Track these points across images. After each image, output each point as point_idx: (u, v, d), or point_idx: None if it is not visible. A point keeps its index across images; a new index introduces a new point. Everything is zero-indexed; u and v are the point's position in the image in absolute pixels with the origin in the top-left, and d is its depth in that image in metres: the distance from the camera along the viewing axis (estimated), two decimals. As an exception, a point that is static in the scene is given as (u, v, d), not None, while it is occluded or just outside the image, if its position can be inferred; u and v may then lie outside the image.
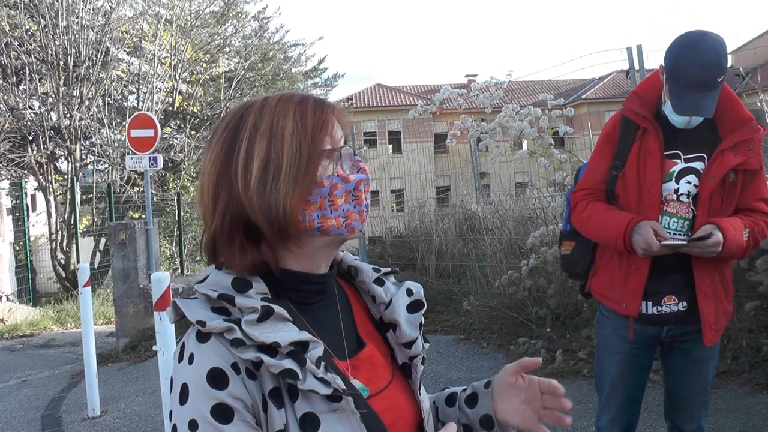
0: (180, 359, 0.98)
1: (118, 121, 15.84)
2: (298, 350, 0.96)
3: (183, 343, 1.00)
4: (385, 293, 1.18)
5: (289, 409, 0.96)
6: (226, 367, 0.94)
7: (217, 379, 0.93)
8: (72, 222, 14.58)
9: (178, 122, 17.99)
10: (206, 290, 1.00)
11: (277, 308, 0.98)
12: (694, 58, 2.22)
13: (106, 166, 16.02)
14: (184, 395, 0.94)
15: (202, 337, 0.97)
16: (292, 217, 1.01)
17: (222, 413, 0.92)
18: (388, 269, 1.24)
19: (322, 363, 0.98)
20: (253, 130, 1.03)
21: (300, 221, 1.02)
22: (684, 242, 2.26)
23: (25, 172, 15.30)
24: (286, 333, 0.97)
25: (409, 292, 1.20)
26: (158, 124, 8.87)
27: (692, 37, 2.27)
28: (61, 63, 14.89)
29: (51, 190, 15.39)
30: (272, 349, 0.95)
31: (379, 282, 1.20)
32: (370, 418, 1.00)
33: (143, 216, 12.12)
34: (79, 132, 15.35)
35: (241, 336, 0.94)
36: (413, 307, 1.18)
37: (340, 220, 1.04)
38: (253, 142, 1.02)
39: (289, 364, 0.94)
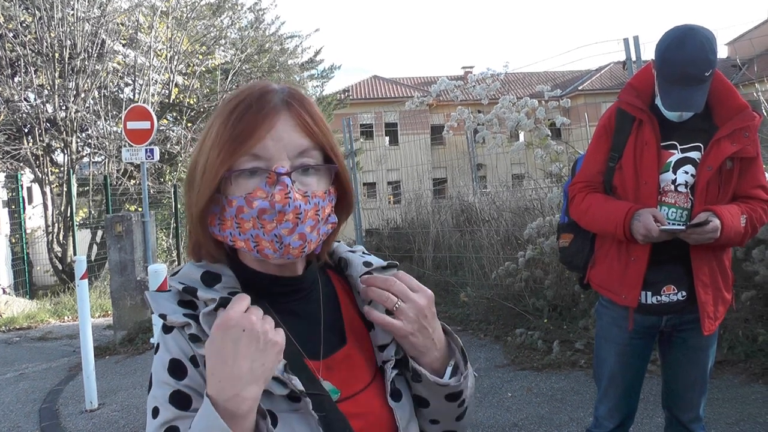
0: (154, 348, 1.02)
1: (114, 113, 15.79)
2: None
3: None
4: None
5: None
6: (185, 359, 0.96)
7: (176, 369, 0.96)
8: (68, 214, 14.56)
9: (174, 114, 17.93)
10: (174, 283, 1.01)
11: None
12: (681, 54, 2.22)
13: (103, 158, 15.99)
14: (150, 383, 0.98)
15: (167, 328, 0.99)
16: (206, 227, 1.02)
17: (180, 400, 0.94)
18: (385, 263, 1.16)
19: (282, 362, 0.96)
20: (202, 134, 1.04)
21: (216, 234, 1.02)
22: (683, 228, 2.26)
23: (21, 164, 15.26)
24: None
25: None
26: (154, 116, 8.85)
27: (679, 32, 2.27)
28: (57, 55, 14.83)
29: (47, 182, 15.36)
30: None
31: None
32: (333, 421, 0.97)
33: (140, 208, 12.10)
34: (75, 124, 15.30)
35: (197, 332, 0.96)
36: None
37: (250, 243, 0.98)
38: (196, 147, 1.04)
39: None
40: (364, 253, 1.19)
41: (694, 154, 2.36)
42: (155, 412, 0.95)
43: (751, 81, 8.18)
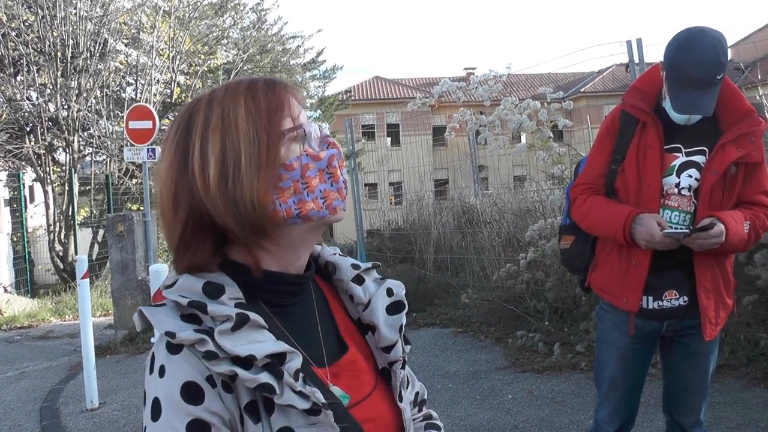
0: (151, 371, 0.92)
1: (116, 112, 15.82)
2: (275, 362, 0.90)
3: (153, 352, 0.93)
4: (363, 293, 1.11)
5: (265, 424, 0.90)
6: (201, 380, 0.88)
7: (192, 394, 0.88)
8: (70, 213, 14.58)
9: (176, 114, 17.93)
10: (175, 296, 0.93)
11: (253, 315, 0.92)
12: (691, 56, 2.20)
13: (105, 157, 16.00)
14: (156, 411, 0.88)
15: (174, 348, 0.90)
16: (263, 208, 0.94)
17: (198, 430, 0.87)
18: (369, 264, 1.16)
19: (301, 375, 0.91)
20: (204, 127, 0.95)
21: (276, 211, 0.95)
22: (686, 231, 2.25)
23: (23, 163, 15.29)
24: (261, 344, 0.90)
25: (390, 292, 1.13)
26: (156, 116, 8.86)
27: (689, 34, 2.25)
28: (59, 54, 14.84)
29: (49, 181, 15.37)
30: (247, 361, 0.89)
31: (359, 280, 1.12)
32: (351, 431, 0.95)
33: (141, 208, 12.11)
34: (77, 123, 15.32)
35: (214, 348, 0.88)
36: (393, 308, 1.11)
37: (319, 201, 0.97)
38: (206, 139, 0.94)
39: (265, 377, 0.88)
40: (341, 254, 1.18)
41: (699, 158, 2.35)
42: None
43: (754, 84, 8.18)
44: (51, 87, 15.11)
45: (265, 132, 0.94)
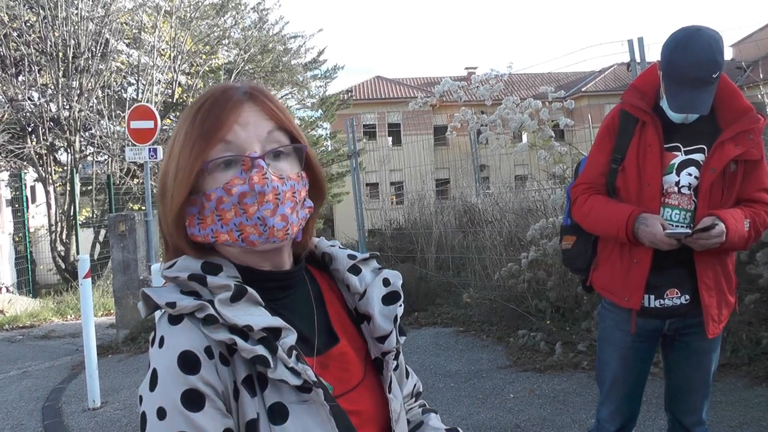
0: (152, 344, 0.95)
1: (118, 112, 15.83)
2: (270, 337, 0.93)
3: (156, 327, 0.97)
4: (359, 283, 1.13)
5: (258, 398, 0.93)
6: (199, 350, 0.90)
7: (188, 363, 0.89)
8: (71, 213, 14.59)
9: (177, 114, 17.97)
10: (175, 273, 0.98)
11: (250, 290, 0.96)
12: (688, 55, 2.21)
13: (106, 157, 16.03)
14: (153, 381, 0.90)
15: (174, 319, 0.93)
16: (176, 232, 1.01)
17: (193, 400, 0.88)
18: (367, 254, 1.18)
19: (294, 352, 0.94)
20: (169, 142, 1.04)
21: (194, 235, 1.01)
22: (688, 231, 2.25)
23: (25, 163, 15.31)
24: (258, 317, 0.93)
25: (386, 282, 1.14)
26: (158, 116, 8.88)
27: (686, 33, 2.25)
28: (61, 54, 14.86)
29: (50, 181, 15.40)
30: (243, 333, 0.91)
31: (355, 270, 1.14)
32: (338, 412, 0.96)
33: (143, 207, 12.13)
34: (78, 123, 15.34)
35: (214, 313, 0.91)
36: (389, 298, 1.12)
37: (233, 234, 0.98)
38: (164, 157, 1.04)
39: (261, 350, 0.91)
40: (340, 247, 1.19)
41: (698, 156, 2.35)
42: (161, 413, 0.88)
43: (755, 83, 8.18)
44: (52, 87, 15.13)
45: (191, 158, 0.98)
